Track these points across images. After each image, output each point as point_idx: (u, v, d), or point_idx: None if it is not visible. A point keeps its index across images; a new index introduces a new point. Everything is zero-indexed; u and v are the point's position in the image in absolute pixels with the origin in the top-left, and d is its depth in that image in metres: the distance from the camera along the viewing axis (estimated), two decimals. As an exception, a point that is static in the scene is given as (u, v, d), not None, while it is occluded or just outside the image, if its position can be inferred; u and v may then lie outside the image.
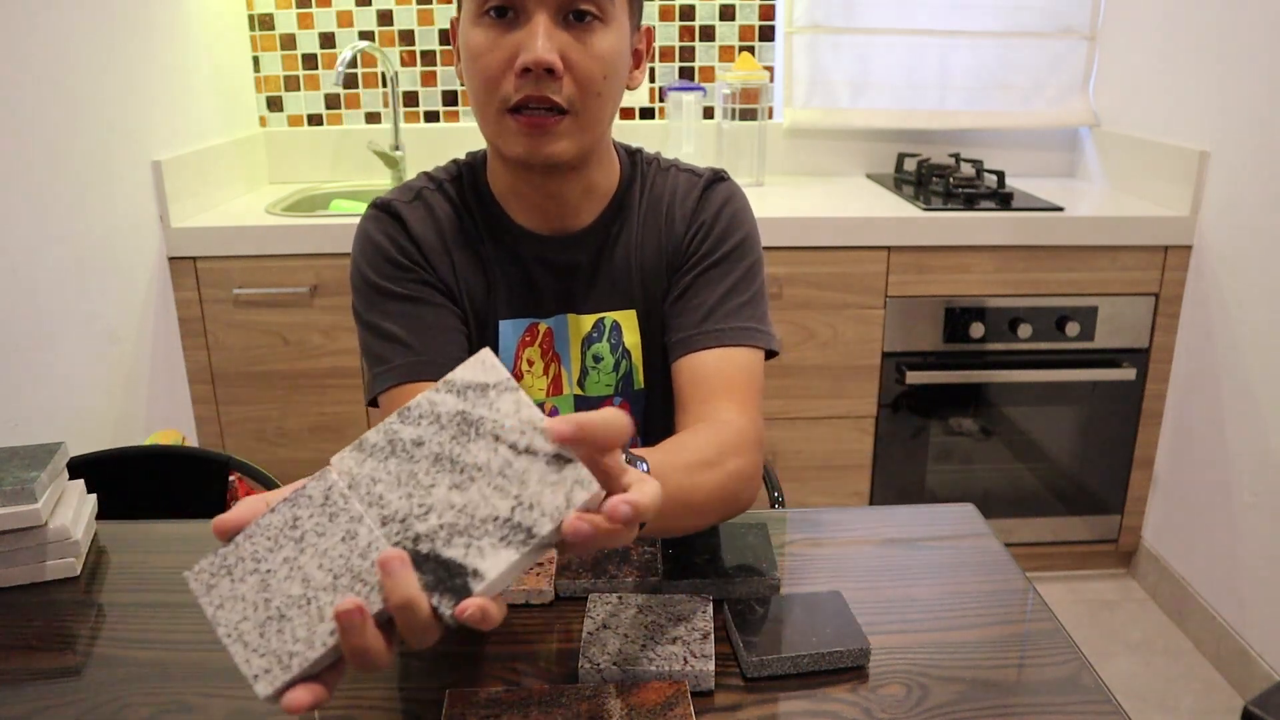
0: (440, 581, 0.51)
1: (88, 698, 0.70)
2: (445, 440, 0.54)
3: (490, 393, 0.54)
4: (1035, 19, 2.41)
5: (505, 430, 0.53)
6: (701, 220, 0.98)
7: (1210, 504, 1.99)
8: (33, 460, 0.86)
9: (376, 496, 0.53)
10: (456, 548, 0.52)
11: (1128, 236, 2.02)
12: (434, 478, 0.53)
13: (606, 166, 0.97)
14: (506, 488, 0.52)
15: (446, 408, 0.54)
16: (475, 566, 0.51)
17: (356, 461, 0.54)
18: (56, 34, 1.55)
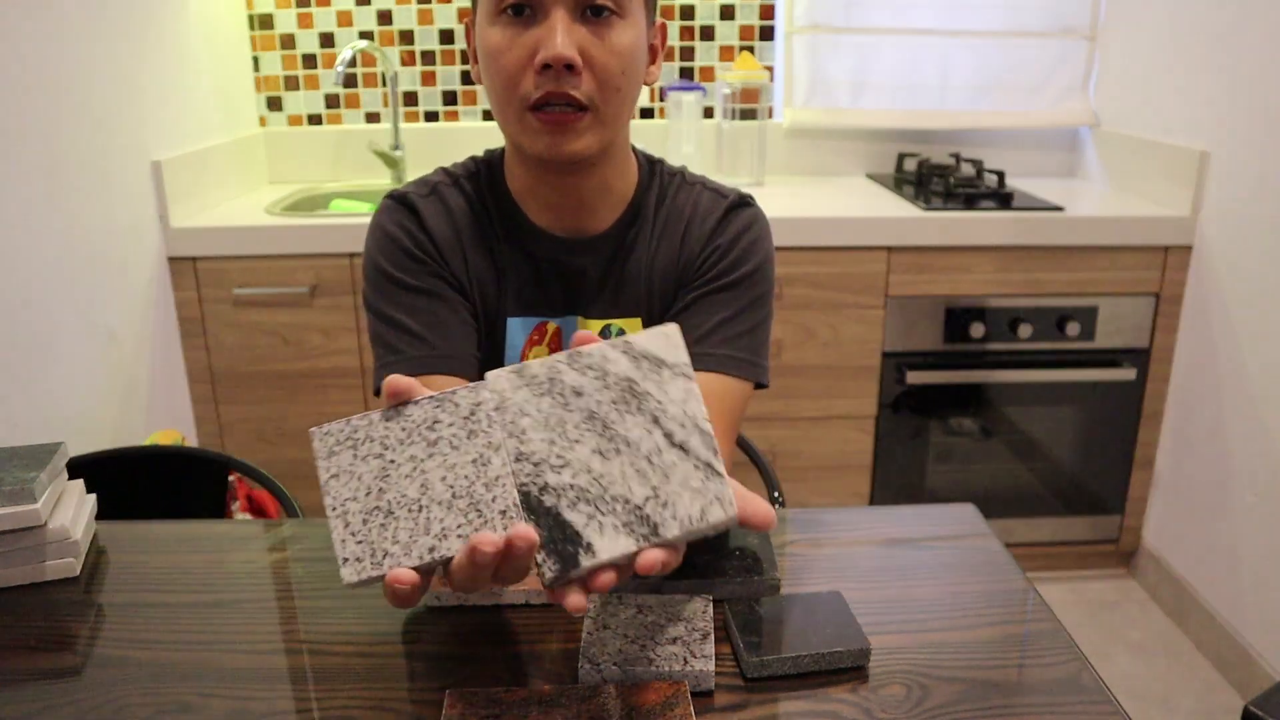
0: (552, 540, 0.50)
1: (87, 698, 0.70)
2: (605, 401, 0.53)
3: (664, 371, 0.53)
4: (1035, 19, 2.41)
5: (667, 416, 0.52)
6: (719, 242, 0.97)
7: (1211, 504, 1.99)
8: (32, 460, 0.85)
9: (520, 430, 0.52)
10: (579, 514, 0.51)
11: (1128, 236, 2.02)
12: (581, 434, 0.52)
13: (624, 169, 0.97)
14: (648, 475, 0.51)
15: (617, 368, 0.53)
16: (591, 541, 0.50)
17: (511, 385, 0.53)
18: (56, 34, 1.55)
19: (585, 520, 0.50)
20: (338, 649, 0.75)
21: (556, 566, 0.50)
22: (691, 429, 0.52)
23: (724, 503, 0.51)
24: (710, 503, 0.51)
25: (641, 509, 0.51)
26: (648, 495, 0.51)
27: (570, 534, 0.50)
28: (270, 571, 0.87)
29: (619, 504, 0.51)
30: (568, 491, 0.51)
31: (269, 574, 0.87)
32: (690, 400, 0.53)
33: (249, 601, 0.82)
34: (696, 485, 0.51)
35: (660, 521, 0.51)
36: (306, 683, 0.71)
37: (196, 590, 0.84)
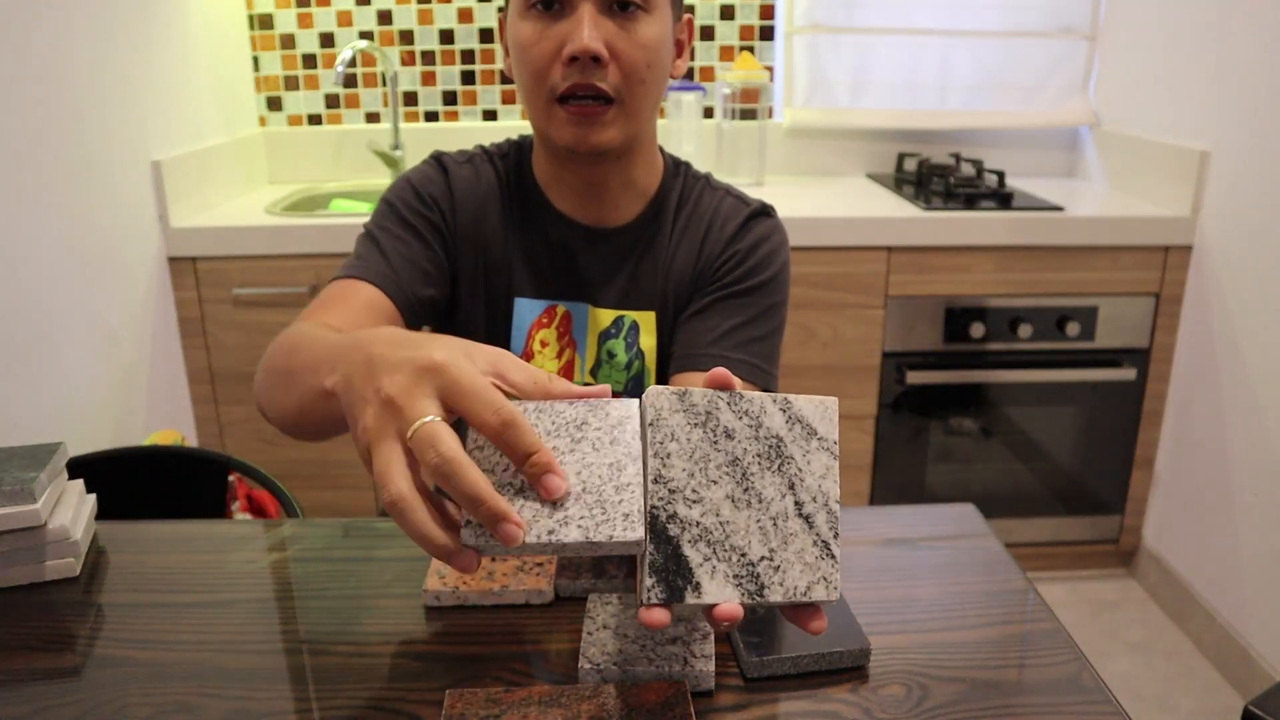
0: (665, 569, 0.51)
1: (87, 698, 0.70)
2: (751, 453, 0.53)
3: (813, 441, 0.54)
4: (1036, 18, 2.41)
5: (802, 485, 0.53)
6: (737, 248, 0.99)
7: (1211, 504, 1.99)
8: (32, 460, 0.85)
9: (666, 452, 0.52)
10: (697, 552, 0.51)
11: (1128, 236, 2.02)
12: (720, 477, 0.53)
13: (649, 164, 0.99)
14: (770, 536, 0.52)
15: (771, 423, 0.54)
16: (701, 582, 0.51)
17: (670, 407, 0.53)
18: (56, 34, 1.55)
19: (701, 560, 0.51)
20: (338, 649, 0.75)
21: (662, 595, 0.50)
22: (821, 505, 0.53)
23: (829, 585, 0.52)
24: (817, 581, 0.52)
25: (754, 566, 0.52)
26: (764, 555, 0.52)
27: (684, 569, 0.51)
28: (270, 571, 0.87)
29: (735, 555, 0.52)
30: (693, 527, 0.52)
31: (269, 574, 0.87)
32: (828, 478, 0.54)
33: (249, 601, 0.82)
34: (810, 560, 0.52)
35: (768, 584, 0.52)
36: (306, 683, 0.71)
37: (196, 590, 0.84)
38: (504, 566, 0.82)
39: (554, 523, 0.51)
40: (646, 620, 0.50)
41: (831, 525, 0.53)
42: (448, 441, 0.51)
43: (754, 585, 0.51)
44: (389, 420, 0.54)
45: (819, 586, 0.52)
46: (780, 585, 0.52)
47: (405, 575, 0.85)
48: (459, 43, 2.39)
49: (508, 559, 0.84)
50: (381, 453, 0.53)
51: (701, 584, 0.51)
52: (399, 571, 0.86)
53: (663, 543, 0.51)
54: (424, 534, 0.52)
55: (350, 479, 2.07)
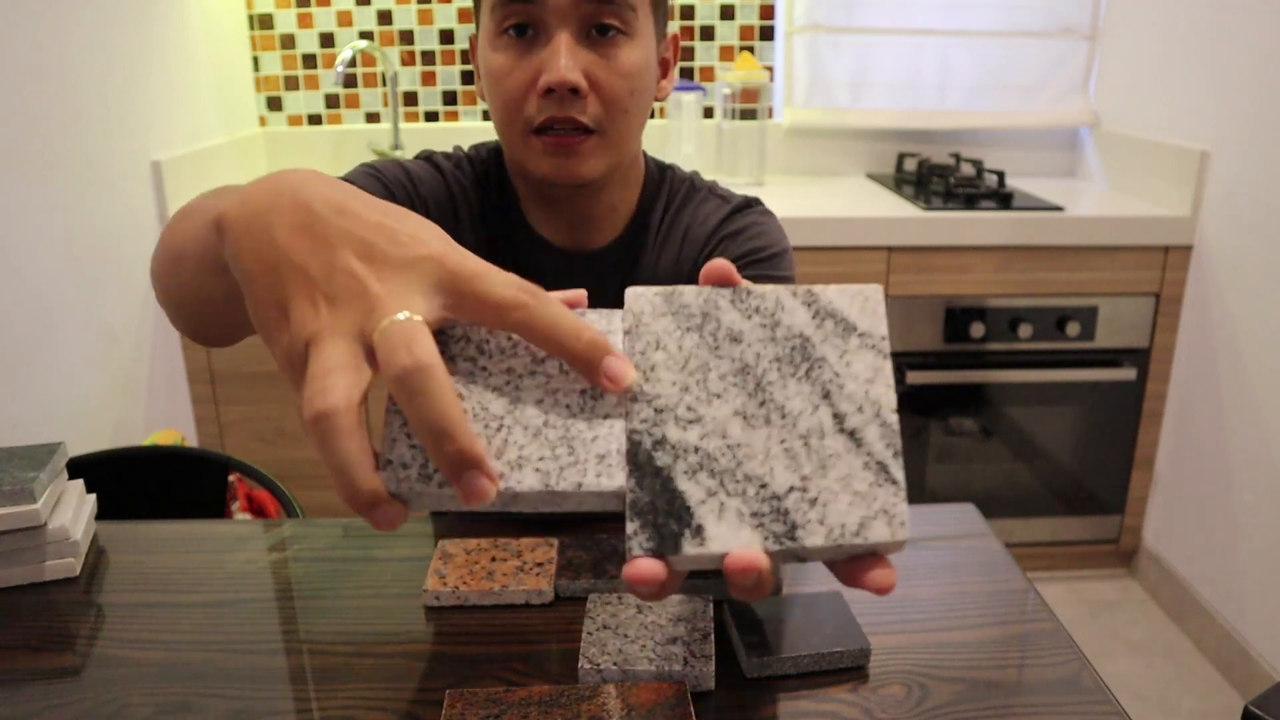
0: (653, 509, 0.39)
1: (87, 698, 0.70)
2: (767, 356, 0.41)
3: (852, 339, 0.42)
4: (1035, 18, 2.41)
5: (842, 393, 0.41)
6: (723, 234, 0.93)
7: (1211, 504, 1.99)
8: (32, 460, 0.85)
9: (649, 364, 0.42)
10: (697, 485, 0.39)
11: (1128, 236, 2.02)
12: (726, 389, 0.41)
13: (632, 182, 0.94)
14: (800, 460, 0.40)
15: (791, 320, 0.42)
16: (704, 524, 0.39)
17: (653, 310, 0.43)
18: (56, 34, 1.55)
19: (704, 496, 0.39)
20: (338, 649, 0.75)
21: (650, 544, 0.38)
22: (871, 416, 0.40)
23: (892, 519, 0.38)
24: (875, 515, 0.38)
25: (781, 500, 0.39)
26: (793, 485, 0.39)
27: (679, 507, 0.39)
28: (270, 571, 0.87)
29: (753, 486, 0.39)
30: (689, 454, 0.40)
31: (269, 574, 0.87)
32: (878, 381, 0.41)
33: (249, 601, 0.82)
34: (861, 488, 0.39)
35: (801, 523, 0.38)
36: (306, 683, 0.71)
37: (196, 590, 0.84)
38: (504, 567, 0.82)
39: (504, 465, 0.40)
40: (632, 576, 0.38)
41: (890, 442, 0.40)
42: (427, 345, 0.39)
43: (781, 525, 0.38)
44: (350, 308, 0.40)
45: (877, 523, 0.38)
46: (821, 524, 0.38)
47: (405, 575, 0.85)
48: (459, 43, 2.39)
49: (506, 559, 0.84)
50: (325, 350, 0.39)
51: (705, 527, 0.39)
52: (399, 571, 0.86)
53: (648, 476, 0.39)
54: (351, 467, 0.38)
55: (350, 479, 2.07)
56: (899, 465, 0.40)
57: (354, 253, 0.41)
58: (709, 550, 0.39)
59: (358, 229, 0.42)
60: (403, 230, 0.43)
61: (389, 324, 0.39)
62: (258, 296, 0.43)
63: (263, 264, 0.43)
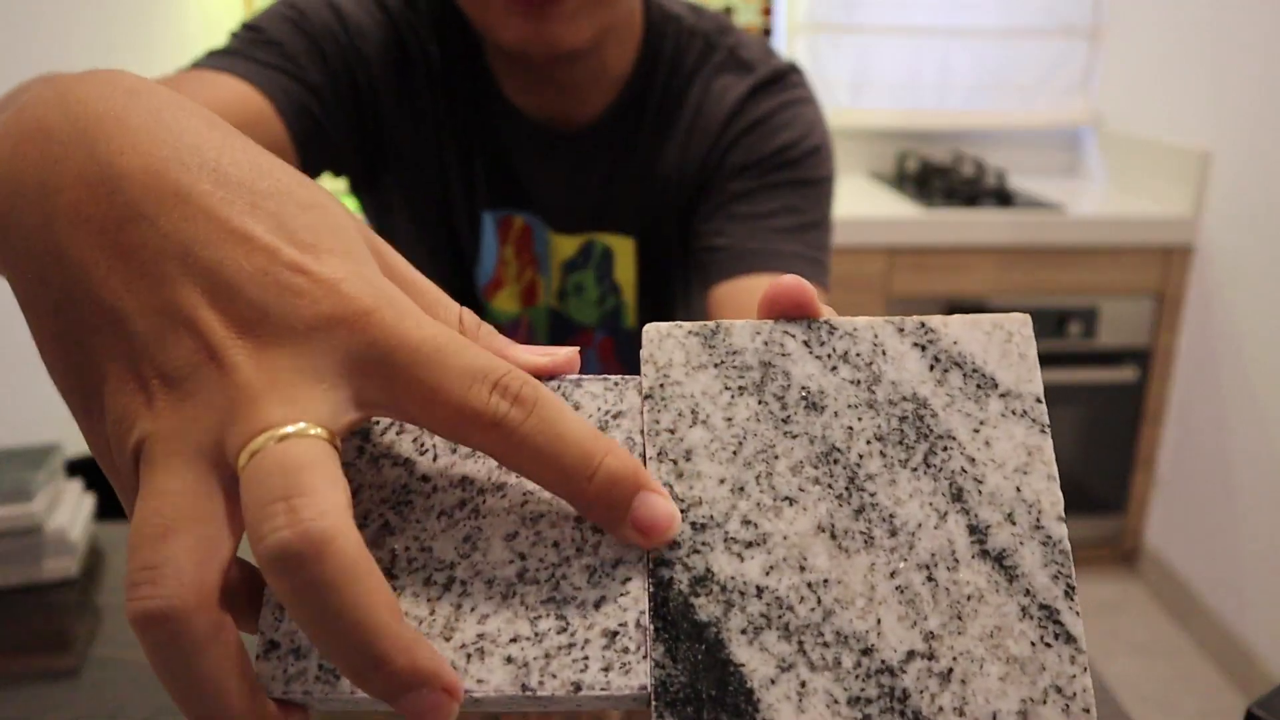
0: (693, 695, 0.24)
1: (85, 699, 0.69)
2: (866, 430, 0.27)
3: (993, 401, 0.27)
4: (1036, 18, 2.41)
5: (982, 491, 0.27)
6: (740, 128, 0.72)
7: (1213, 505, 1.99)
8: (29, 460, 0.85)
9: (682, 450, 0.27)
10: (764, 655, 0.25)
11: (1130, 236, 2.01)
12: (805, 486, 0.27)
13: (626, 38, 0.72)
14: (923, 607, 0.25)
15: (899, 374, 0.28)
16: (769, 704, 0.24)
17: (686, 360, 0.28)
18: (55, 35, 1.55)
19: (774, 671, 0.25)
20: (337, 650, 0.75)
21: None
22: (1029, 529, 0.26)
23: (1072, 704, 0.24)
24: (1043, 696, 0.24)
25: (895, 675, 0.25)
26: (914, 649, 0.25)
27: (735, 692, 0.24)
28: (269, 572, 0.87)
29: (850, 652, 0.25)
30: (749, 601, 0.25)
31: (268, 575, 0.87)
32: (1035, 470, 0.27)
33: (248, 602, 0.82)
34: (1019, 651, 0.25)
35: (929, 714, 0.24)
36: (305, 684, 0.71)
37: (195, 591, 0.83)
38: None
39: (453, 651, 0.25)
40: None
41: (1058, 570, 0.26)
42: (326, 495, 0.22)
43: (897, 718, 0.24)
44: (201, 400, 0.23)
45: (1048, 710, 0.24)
46: (959, 713, 0.24)
47: (405, 576, 0.84)
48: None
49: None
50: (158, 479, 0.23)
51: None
52: (399, 572, 0.86)
53: (685, 640, 0.25)
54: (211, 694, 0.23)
55: (350, 480, 2.07)
56: (1075, 611, 0.25)
57: (206, 293, 0.24)
58: None
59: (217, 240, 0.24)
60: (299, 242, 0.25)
61: (265, 443, 0.22)
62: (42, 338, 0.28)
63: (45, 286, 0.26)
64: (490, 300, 0.77)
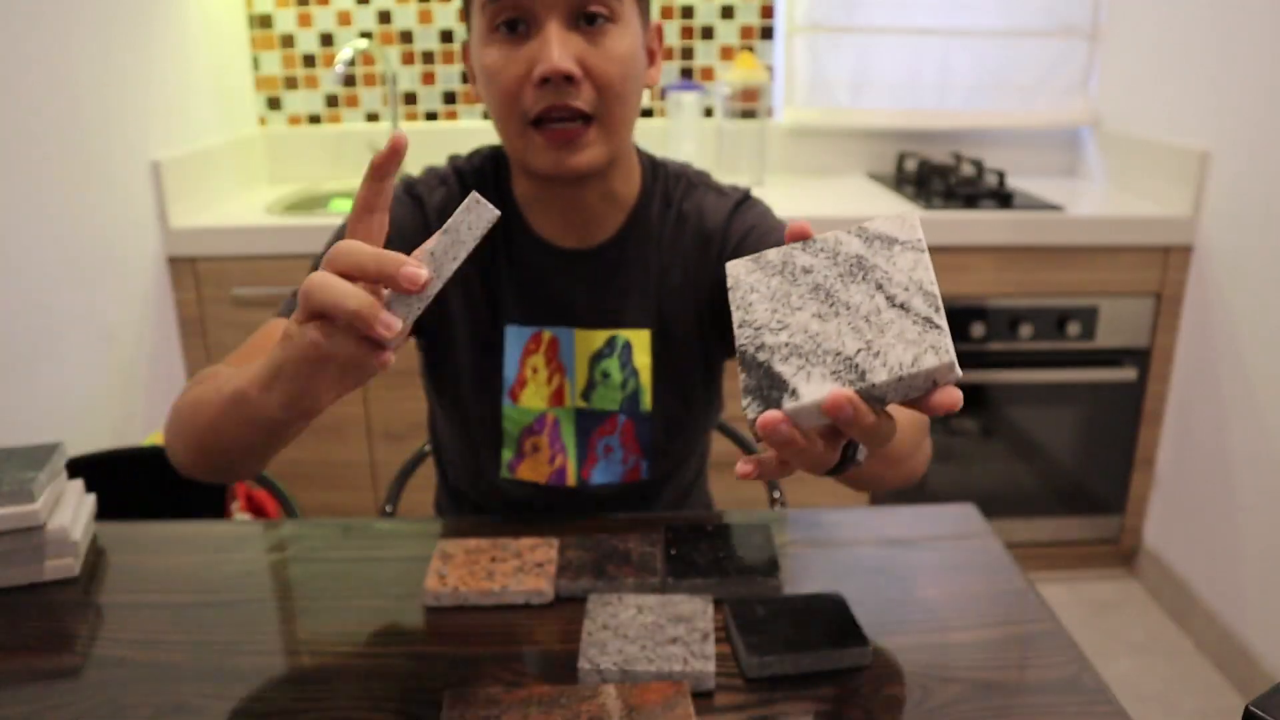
0: (759, 387, 0.52)
1: (87, 698, 0.70)
2: (832, 275, 0.54)
3: (895, 247, 0.54)
4: (1036, 18, 2.41)
5: (891, 282, 0.53)
6: (737, 248, 0.95)
7: (1211, 504, 1.99)
8: (31, 460, 0.85)
9: (747, 303, 0.55)
10: (790, 365, 0.52)
11: (1129, 236, 2.02)
12: (803, 302, 0.54)
13: (628, 173, 0.95)
14: (863, 331, 0.52)
15: (848, 249, 0.55)
16: (796, 386, 0.51)
17: (746, 270, 0.57)
18: (56, 34, 1.55)
19: (794, 370, 0.52)
20: (338, 649, 0.75)
21: (759, 408, 0.51)
22: (914, 290, 0.52)
23: (939, 350, 0.49)
24: (924, 351, 0.49)
25: (852, 359, 0.51)
26: (860, 347, 0.51)
27: (776, 381, 0.51)
28: (270, 571, 0.87)
29: (829, 356, 0.51)
30: (782, 348, 0.53)
31: (269, 574, 0.87)
32: (919, 268, 0.53)
33: (249, 601, 0.82)
34: (912, 337, 0.50)
35: (869, 368, 0.50)
36: (306, 683, 0.71)
37: (196, 590, 0.84)
38: (504, 567, 0.82)
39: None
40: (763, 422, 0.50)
41: (930, 303, 0.51)
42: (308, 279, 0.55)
43: (854, 374, 0.50)
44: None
45: (927, 355, 0.49)
46: (884, 365, 0.50)
47: (405, 575, 0.85)
48: (459, 42, 2.39)
49: (506, 559, 0.84)
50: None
51: (797, 388, 0.51)
52: (399, 571, 0.86)
53: (753, 368, 0.53)
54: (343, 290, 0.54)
55: (350, 479, 2.07)
56: (941, 317, 0.51)
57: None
58: (801, 402, 0.50)
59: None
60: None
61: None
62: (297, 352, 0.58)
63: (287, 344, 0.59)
64: (516, 400, 0.97)
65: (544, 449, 0.97)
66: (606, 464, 0.98)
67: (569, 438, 0.97)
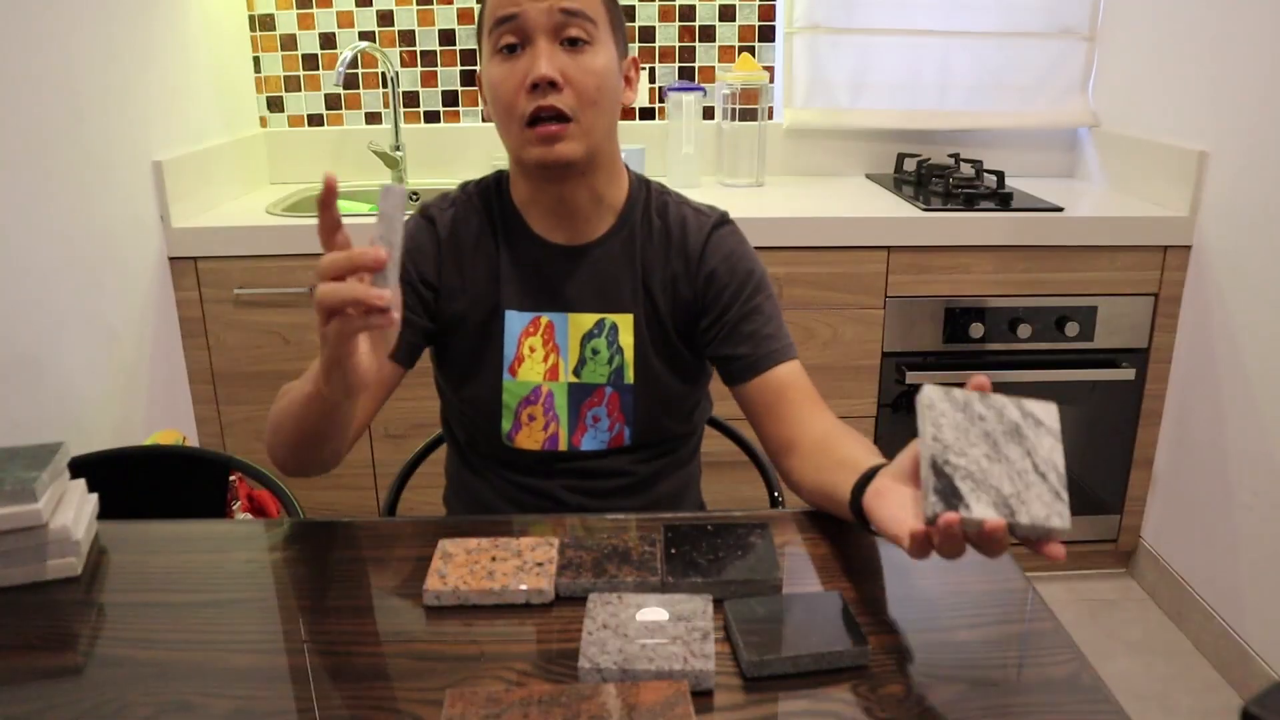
0: (944, 492, 0.68)
1: (88, 698, 0.70)
2: (998, 431, 0.72)
3: (1040, 429, 0.74)
4: (1035, 19, 2.41)
5: (1036, 454, 0.72)
6: (714, 270, 1.10)
7: (1210, 503, 1.99)
8: (33, 460, 0.86)
9: (939, 424, 0.72)
10: (965, 485, 0.69)
11: (1127, 237, 2.02)
12: (978, 441, 0.71)
13: (615, 180, 1.11)
14: (1015, 482, 0.70)
15: (1009, 415, 0.74)
16: (970, 504, 0.68)
17: (940, 396, 0.73)
18: (57, 35, 1.55)
19: (969, 490, 0.68)
20: (338, 649, 0.76)
21: (942, 507, 0.67)
22: (1051, 467, 0.71)
23: (1063, 518, 0.68)
24: (1053, 514, 0.68)
25: (1006, 499, 0.68)
26: (1012, 493, 0.69)
27: (957, 494, 0.68)
28: (270, 571, 0.88)
29: (992, 490, 0.69)
30: (960, 470, 0.69)
31: (269, 574, 0.87)
32: (1055, 452, 0.72)
33: (249, 601, 0.82)
34: (1047, 500, 0.69)
35: (1016, 510, 0.68)
36: (306, 683, 0.71)
37: (197, 590, 0.84)
38: (504, 566, 0.83)
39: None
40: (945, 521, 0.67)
41: (1062, 482, 0.70)
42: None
43: (1007, 510, 0.68)
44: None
45: (1055, 518, 0.68)
46: (1027, 513, 0.68)
47: (405, 575, 0.85)
48: (459, 43, 2.39)
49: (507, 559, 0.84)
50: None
51: (970, 505, 0.67)
52: (399, 571, 0.86)
53: (941, 475, 0.69)
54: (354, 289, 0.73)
55: (350, 479, 2.07)
56: (1065, 493, 0.70)
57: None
58: (972, 515, 0.67)
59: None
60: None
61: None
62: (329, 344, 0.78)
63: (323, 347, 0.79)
64: (515, 375, 1.11)
65: (539, 418, 1.12)
66: (594, 432, 1.12)
67: (562, 409, 1.11)
